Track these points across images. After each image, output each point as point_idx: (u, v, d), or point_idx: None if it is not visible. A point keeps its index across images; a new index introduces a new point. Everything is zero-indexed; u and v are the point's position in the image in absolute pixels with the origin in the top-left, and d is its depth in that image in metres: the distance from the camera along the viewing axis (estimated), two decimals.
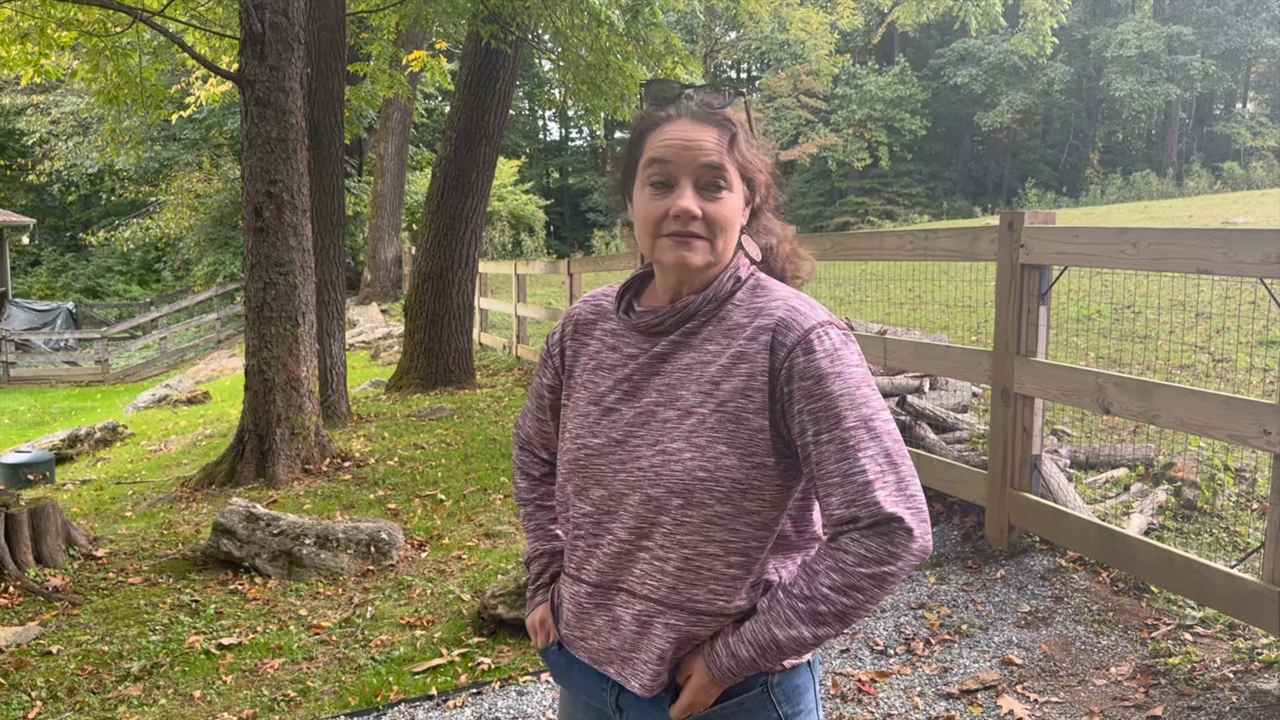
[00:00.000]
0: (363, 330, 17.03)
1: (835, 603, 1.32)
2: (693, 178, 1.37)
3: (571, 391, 1.54)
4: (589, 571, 1.48)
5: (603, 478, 1.44)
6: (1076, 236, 3.68)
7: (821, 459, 1.34)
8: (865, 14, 31.30)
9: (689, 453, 1.36)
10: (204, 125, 25.80)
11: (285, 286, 6.58)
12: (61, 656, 3.89)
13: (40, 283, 30.60)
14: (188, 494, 6.52)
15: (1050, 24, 13.67)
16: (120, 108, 8.89)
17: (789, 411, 1.36)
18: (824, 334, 1.36)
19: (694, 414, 1.38)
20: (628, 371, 1.46)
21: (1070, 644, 3.42)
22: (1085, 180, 35.63)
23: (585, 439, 1.47)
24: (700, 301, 1.42)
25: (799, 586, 1.35)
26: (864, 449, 1.32)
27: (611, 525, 1.44)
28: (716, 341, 1.41)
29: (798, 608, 1.34)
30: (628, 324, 1.49)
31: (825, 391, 1.33)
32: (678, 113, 1.40)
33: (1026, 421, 3.97)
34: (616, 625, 1.45)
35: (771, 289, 1.44)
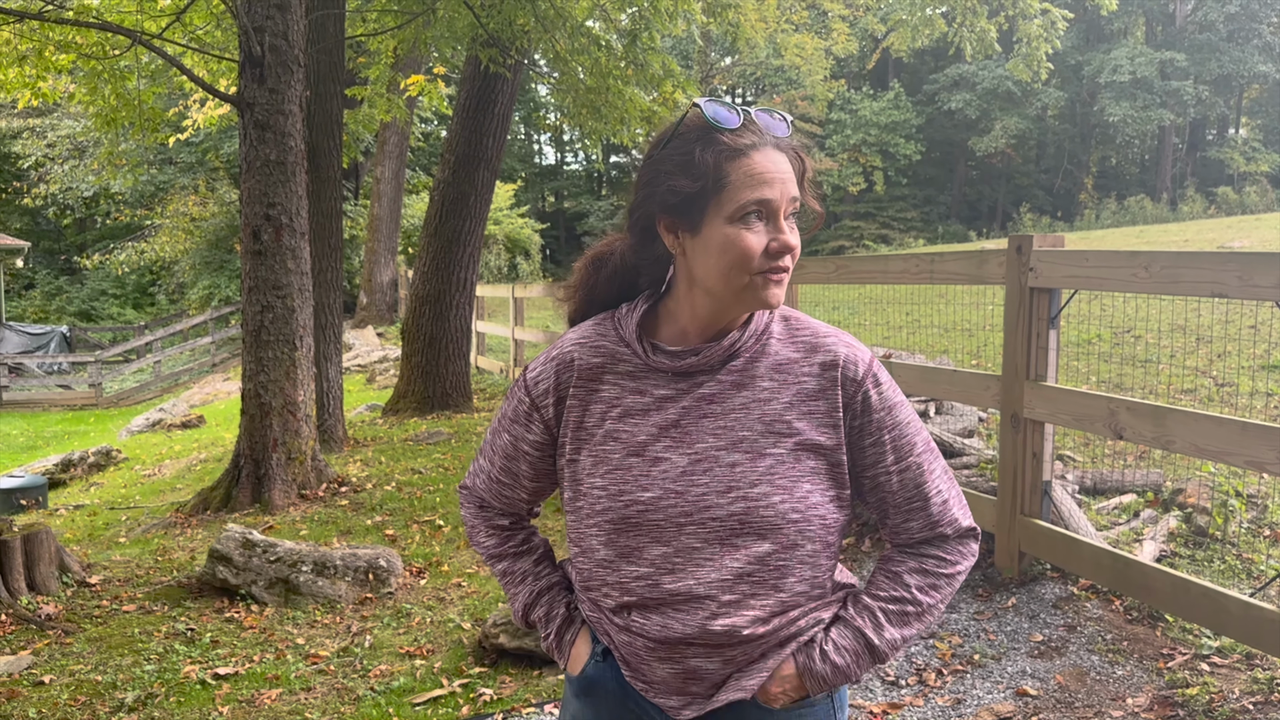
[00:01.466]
0: (358, 354, 16.96)
1: (920, 601, 1.40)
2: (784, 211, 1.31)
3: (585, 444, 1.40)
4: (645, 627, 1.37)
5: (664, 534, 1.33)
6: (1087, 260, 3.64)
7: (902, 485, 1.40)
8: (860, 40, 31.53)
9: (777, 495, 1.32)
10: (200, 149, 25.82)
11: (283, 310, 6.52)
12: (55, 686, 3.81)
13: (34, 306, 30.51)
14: (183, 520, 6.44)
15: (1045, 50, 13.71)
16: (118, 130, 8.87)
17: (861, 443, 1.39)
18: (879, 367, 1.41)
19: (769, 454, 1.33)
20: (671, 416, 1.36)
21: (1085, 674, 3.36)
22: (1080, 205, 35.83)
23: (633, 494, 1.35)
24: (746, 338, 1.37)
25: (884, 590, 1.41)
26: (934, 470, 1.42)
27: (679, 585, 1.33)
28: (769, 378, 1.37)
29: (888, 610, 1.40)
30: (654, 365, 1.38)
31: (897, 421, 1.39)
32: (761, 141, 1.31)
33: (1037, 447, 3.92)
34: (695, 675, 1.38)
35: (806, 322, 1.43)
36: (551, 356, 1.44)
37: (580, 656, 1.47)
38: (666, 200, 1.33)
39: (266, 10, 6.35)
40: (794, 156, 1.34)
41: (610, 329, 1.42)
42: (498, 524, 1.56)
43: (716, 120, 1.30)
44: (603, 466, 1.38)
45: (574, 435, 1.41)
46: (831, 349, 1.38)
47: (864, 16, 25.48)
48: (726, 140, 1.30)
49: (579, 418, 1.41)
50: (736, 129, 1.31)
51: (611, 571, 1.38)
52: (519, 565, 1.55)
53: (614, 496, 1.36)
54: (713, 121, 1.30)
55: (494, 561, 1.57)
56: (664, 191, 1.32)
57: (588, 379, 1.41)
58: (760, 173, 1.29)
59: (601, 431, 1.39)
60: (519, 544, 1.56)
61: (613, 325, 1.42)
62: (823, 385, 1.36)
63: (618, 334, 1.41)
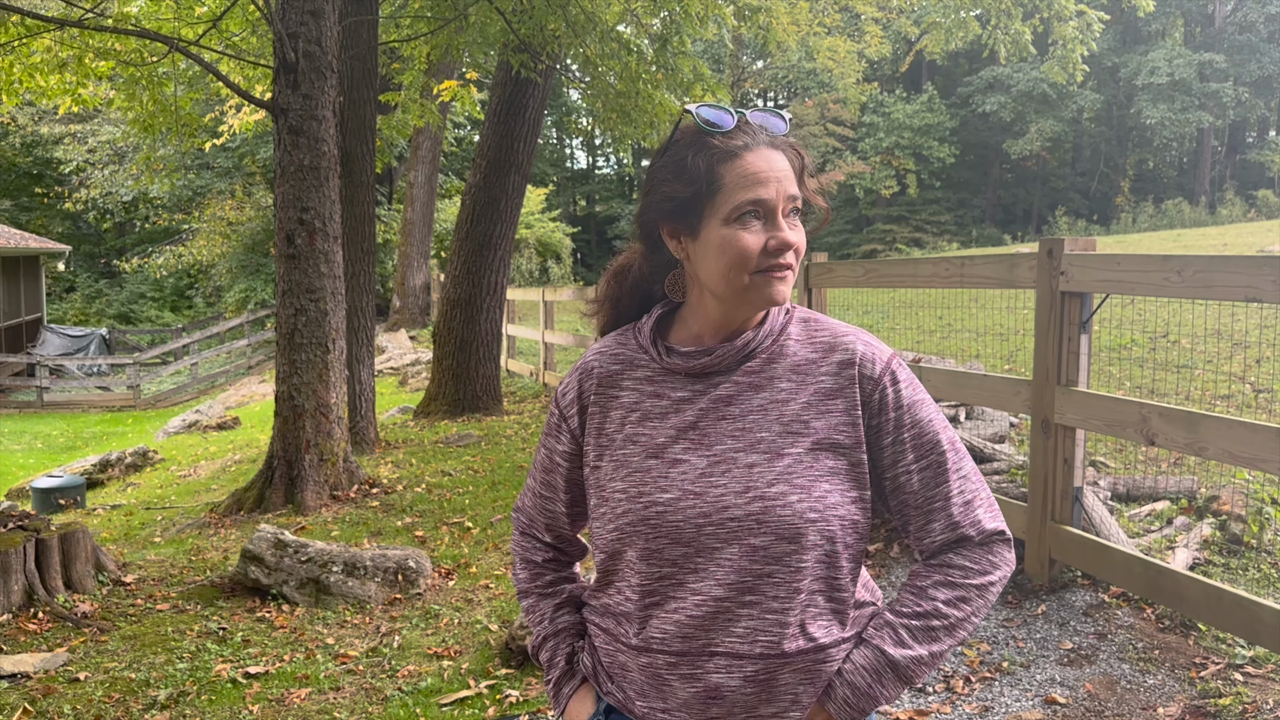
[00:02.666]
0: (391, 357, 17.09)
1: (947, 616, 1.34)
2: (783, 209, 1.32)
3: (607, 450, 1.42)
4: (664, 639, 1.36)
5: (683, 534, 1.33)
6: (1119, 264, 3.61)
7: (923, 484, 1.36)
8: (893, 42, 31.34)
9: (795, 495, 1.31)
10: (237, 154, 26.16)
11: (316, 313, 6.59)
12: (89, 684, 3.87)
13: (75, 309, 31.02)
14: (216, 520, 6.52)
15: (1080, 52, 13.57)
16: (155, 136, 9.01)
17: (880, 443, 1.37)
18: (899, 364, 1.39)
19: (786, 454, 1.33)
20: (689, 418, 1.37)
21: (1115, 683, 3.32)
22: (1116, 208, 35.40)
23: (652, 495, 1.35)
24: (761, 337, 1.38)
25: (908, 605, 1.36)
26: (958, 470, 1.38)
27: (701, 585, 1.33)
28: (787, 379, 1.37)
29: (911, 625, 1.34)
30: (669, 367, 1.40)
31: (917, 419, 1.37)
32: (759, 140, 1.33)
33: (1068, 453, 3.88)
34: (717, 694, 1.34)
35: (824, 322, 1.42)
36: (576, 368, 1.50)
37: (583, 712, 1.47)
38: (664, 207, 1.37)
39: (300, 17, 6.42)
40: (792, 153, 1.35)
41: (630, 337, 1.47)
42: (534, 556, 1.59)
43: (708, 124, 1.33)
44: (623, 470, 1.39)
45: (596, 442, 1.44)
46: (849, 347, 1.38)
47: (897, 19, 25.33)
48: (718, 143, 1.33)
49: (600, 424, 1.44)
50: (729, 131, 1.33)
51: (632, 573, 1.38)
52: (540, 606, 1.57)
53: (634, 499, 1.37)
54: (704, 126, 1.33)
55: (521, 597, 1.61)
56: (661, 199, 1.37)
57: (607, 385, 1.44)
58: (754, 173, 1.31)
59: (621, 436, 1.41)
60: (545, 585, 1.58)
61: (633, 334, 1.47)
62: (840, 384, 1.36)
63: (636, 341, 1.45)
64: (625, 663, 1.42)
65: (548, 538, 1.59)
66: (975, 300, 11.08)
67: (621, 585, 1.41)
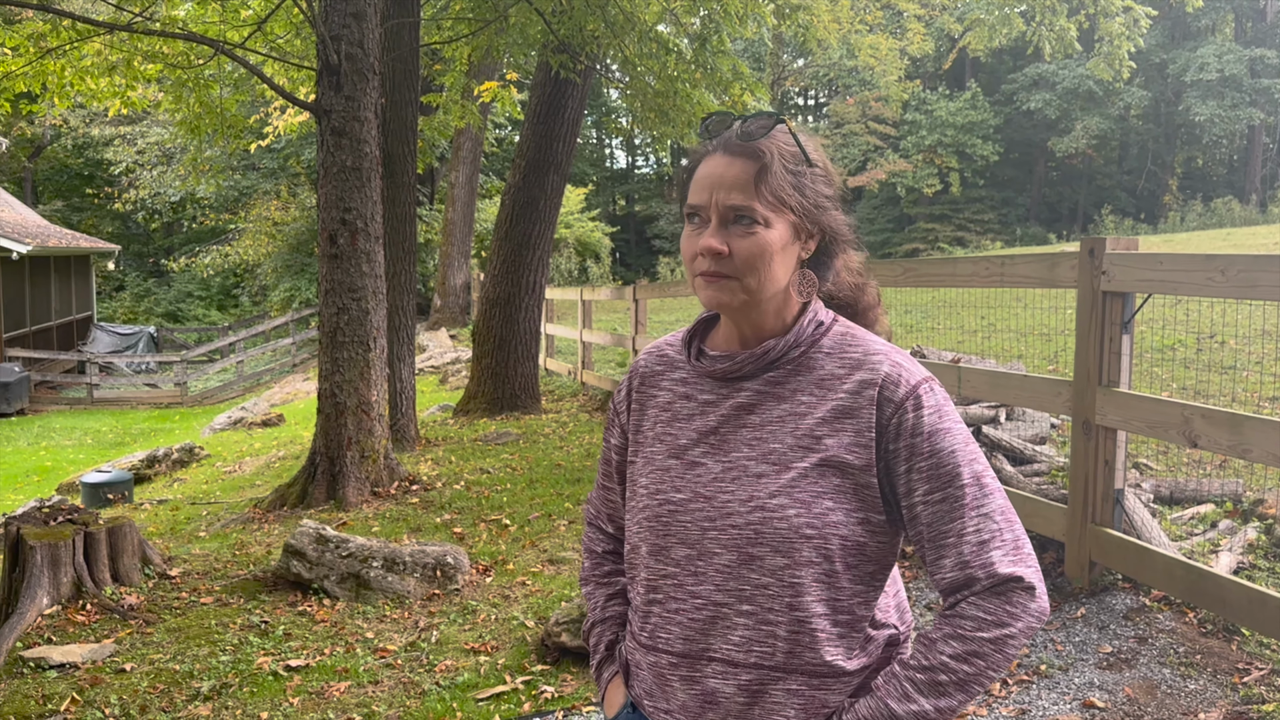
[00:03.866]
0: (432, 355, 17.24)
1: (955, 671, 1.26)
2: (720, 215, 1.32)
3: (642, 447, 1.46)
4: (669, 639, 1.39)
5: (689, 536, 1.36)
6: (1161, 263, 3.56)
7: (934, 519, 1.30)
8: (936, 40, 31.04)
9: (793, 509, 1.30)
10: (282, 155, 26.52)
11: (358, 312, 6.67)
12: (135, 674, 3.95)
13: (124, 307, 31.63)
14: (260, 515, 6.62)
15: (1127, 48, 13.36)
16: (202, 138, 9.16)
17: (894, 469, 1.31)
18: (929, 389, 1.33)
19: (793, 468, 1.31)
20: (711, 423, 1.39)
21: (1155, 687, 3.28)
22: (1164, 207, 34.83)
23: (667, 494, 1.38)
24: (782, 347, 1.36)
25: (916, 657, 1.29)
26: (978, 507, 1.29)
27: (699, 588, 1.35)
28: (809, 392, 1.35)
29: (916, 679, 1.28)
30: (699, 370, 1.42)
31: (936, 449, 1.30)
32: (715, 146, 1.36)
33: (1109, 454, 3.83)
34: (713, 700, 1.35)
35: (863, 339, 1.38)
36: (630, 366, 1.56)
37: (614, 703, 1.51)
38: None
39: (343, 19, 6.50)
40: (752, 159, 1.32)
41: (679, 338, 1.50)
42: (596, 547, 1.64)
43: (702, 131, 1.39)
44: (649, 467, 1.43)
45: (634, 438, 1.48)
46: (875, 367, 1.33)
47: (940, 16, 25.11)
48: (694, 152, 1.40)
49: (638, 421, 1.48)
50: (704, 140, 1.39)
51: (644, 569, 1.42)
52: (596, 594, 1.61)
53: (652, 495, 1.41)
54: (701, 133, 1.40)
55: (582, 584, 1.65)
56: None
57: (649, 384, 1.49)
58: (700, 179, 1.35)
59: (653, 434, 1.45)
60: (603, 575, 1.62)
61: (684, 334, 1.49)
62: (859, 403, 1.32)
63: (682, 342, 1.48)
64: (639, 660, 1.46)
65: (610, 529, 1.63)
66: (1019, 300, 10.96)
67: (635, 580, 1.46)
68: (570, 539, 5.69)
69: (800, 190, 1.33)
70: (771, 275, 1.33)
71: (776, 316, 1.38)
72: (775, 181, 1.31)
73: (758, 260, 1.31)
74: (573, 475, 7.23)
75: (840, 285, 1.46)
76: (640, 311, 9.84)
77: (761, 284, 1.32)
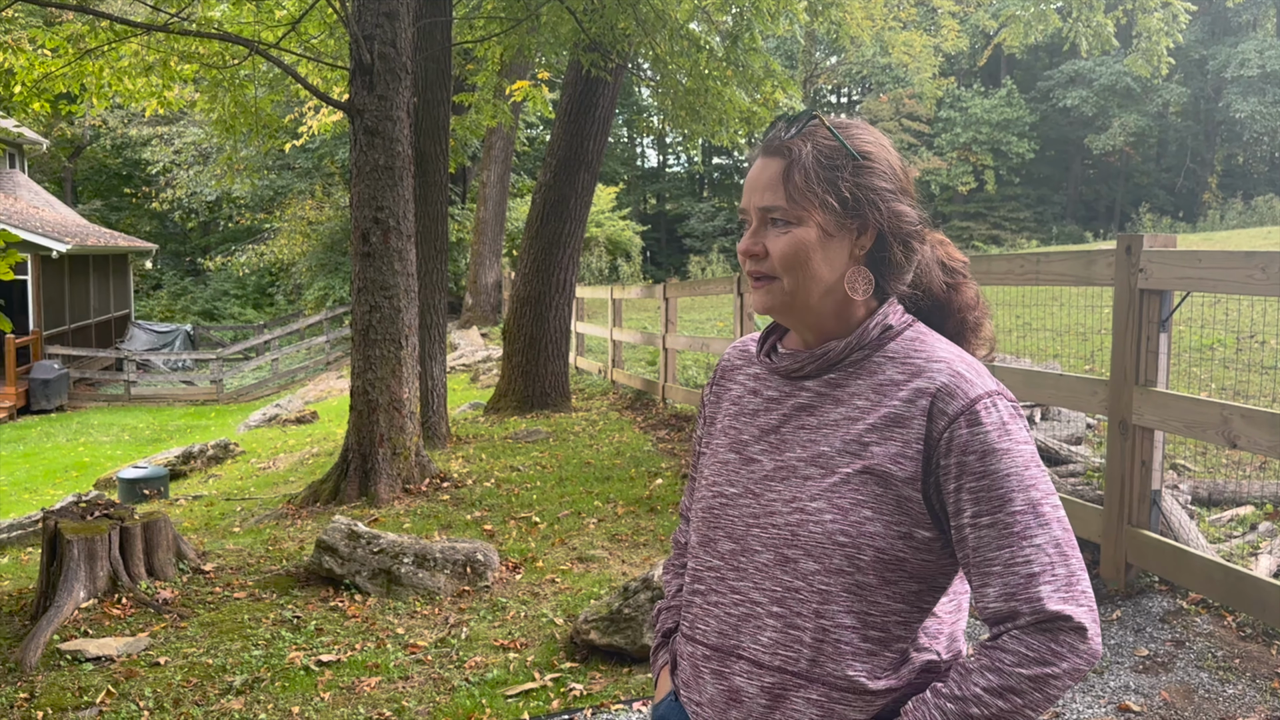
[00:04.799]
0: (463, 353, 17.33)
1: (989, 705, 1.19)
2: (757, 217, 1.33)
3: (712, 439, 1.47)
4: (705, 632, 1.38)
5: (734, 530, 1.35)
6: (1200, 260, 3.50)
7: (980, 544, 1.22)
8: (970, 36, 30.80)
9: (830, 514, 1.27)
10: (316, 154, 26.75)
11: (390, 310, 6.71)
12: (169, 668, 4.00)
13: (161, 305, 32.05)
14: (293, 511, 6.68)
15: (1166, 44, 13.18)
16: (237, 137, 9.26)
17: (944, 487, 1.25)
18: (991, 405, 1.25)
19: (837, 472, 1.28)
20: (773, 421, 1.37)
21: (1193, 692, 3.22)
22: (1203, 205, 34.32)
23: (722, 487, 1.39)
24: (843, 348, 1.33)
25: (950, 686, 1.22)
26: (1031, 536, 1.21)
27: (739, 584, 1.34)
28: (866, 396, 1.31)
29: (946, 708, 1.21)
30: (769, 367, 1.41)
31: (989, 469, 1.22)
32: (758, 151, 1.37)
33: (1146, 455, 3.78)
34: (737, 698, 1.33)
35: (932, 345, 1.32)
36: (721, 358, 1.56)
37: (661, 690, 1.52)
38: None
39: (376, 19, 6.54)
40: (784, 156, 1.31)
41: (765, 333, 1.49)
42: (680, 539, 1.65)
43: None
44: (713, 459, 1.44)
45: (707, 429, 1.51)
46: (933, 376, 1.27)
47: (975, 12, 24.91)
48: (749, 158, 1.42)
49: (713, 413, 1.50)
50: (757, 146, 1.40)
51: (694, 559, 1.43)
52: (672, 583, 1.62)
53: (710, 486, 1.42)
54: None
55: (664, 572, 1.65)
56: None
57: (727, 378, 1.50)
58: (745, 183, 1.37)
59: (721, 427, 1.46)
60: (680, 565, 1.63)
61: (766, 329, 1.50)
62: (911, 413, 1.27)
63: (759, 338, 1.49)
64: (680, 650, 1.46)
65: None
66: (1055, 299, 10.83)
67: (687, 570, 1.47)
68: (599, 537, 5.69)
69: (834, 183, 1.28)
70: (812, 274, 1.30)
71: (838, 318, 1.34)
72: (802, 179, 1.28)
73: (791, 259, 1.29)
74: (602, 474, 7.23)
75: (928, 283, 1.40)
76: (670, 310, 9.83)
77: (801, 283, 1.30)
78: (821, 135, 1.31)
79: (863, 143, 1.32)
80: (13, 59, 7.62)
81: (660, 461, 7.57)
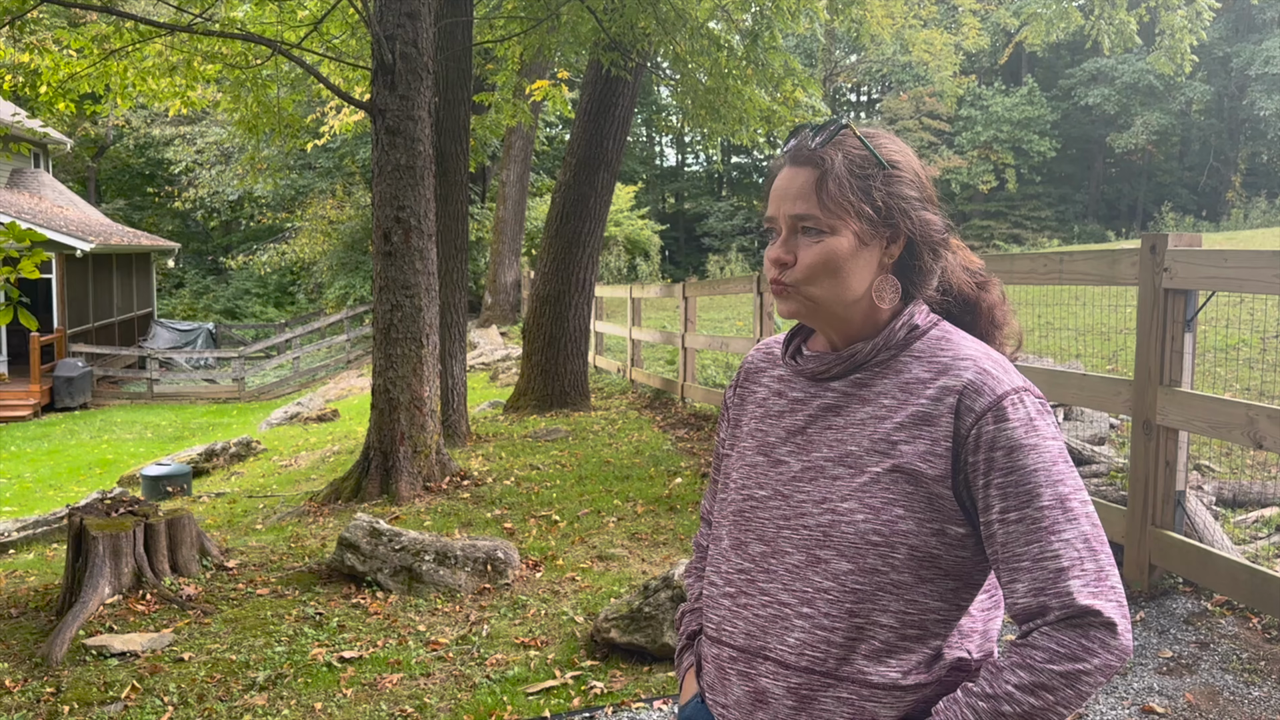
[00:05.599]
0: (483, 352, 17.38)
1: (1021, 703, 1.18)
2: (787, 226, 1.33)
3: (738, 441, 1.47)
4: (733, 634, 1.38)
5: (765, 532, 1.36)
6: (1225, 260, 3.47)
7: (1008, 539, 1.23)
8: (991, 34, 30.64)
9: (861, 514, 1.27)
10: (337, 154, 26.89)
11: (410, 308, 6.74)
12: (193, 664, 4.03)
13: (183, 304, 32.29)
14: (315, 508, 6.71)
15: (1189, 41, 13.06)
16: (259, 137, 9.32)
17: (973, 484, 1.26)
18: (1019, 401, 1.26)
19: (866, 472, 1.29)
20: (799, 422, 1.38)
21: (1217, 694, 3.20)
22: (1227, 204, 34.02)
23: (751, 489, 1.39)
24: (869, 349, 1.33)
25: (981, 684, 1.22)
26: (1059, 531, 1.21)
27: (769, 585, 1.34)
28: (893, 395, 1.31)
29: (978, 706, 1.21)
30: (795, 369, 1.42)
31: (1017, 465, 1.23)
32: (786, 159, 1.35)
33: (1170, 455, 3.75)
34: (763, 699, 1.33)
35: (958, 343, 1.33)
36: (744, 359, 1.56)
37: (687, 692, 1.52)
38: None
39: (397, 19, 6.57)
40: (815, 165, 1.31)
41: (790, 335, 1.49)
42: (701, 541, 1.65)
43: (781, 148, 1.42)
44: (740, 462, 1.44)
45: (731, 432, 1.50)
46: (960, 373, 1.28)
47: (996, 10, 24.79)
48: (773, 165, 1.40)
49: (738, 415, 1.50)
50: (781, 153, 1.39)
51: (723, 561, 1.43)
52: (694, 586, 1.62)
53: (738, 489, 1.42)
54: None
55: (685, 575, 1.66)
56: None
57: (752, 380, 1.50)
58: (772, 192, 1.36)
59: (748, 429, 1.46)
60: (703, 569, 1.63)
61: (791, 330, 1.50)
62: (938, 410, 1.27)
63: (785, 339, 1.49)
64: (704, 652, 1.46)
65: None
66: (1077, 298, 10.76)
67: (713, 573, 1.45)
68: (619, 535, 5.70)
69: (867, 192, 1.30)
70: (843, 283, 1.31)
71: (866, 322, 1.35)
72: (837, 188, 1.29)
73: (821, 269, 1.30)
74: (622, 472, 7.24)
75: (955, 286, 1.41)
76: (689, 309, 9.82)
77: (829, 292, 1.31)
78: (851, 144, 1.32)
79: (890, 151, 1.34)
80: (38, 60, 7.70)
81: (679, 460, 7.57)
